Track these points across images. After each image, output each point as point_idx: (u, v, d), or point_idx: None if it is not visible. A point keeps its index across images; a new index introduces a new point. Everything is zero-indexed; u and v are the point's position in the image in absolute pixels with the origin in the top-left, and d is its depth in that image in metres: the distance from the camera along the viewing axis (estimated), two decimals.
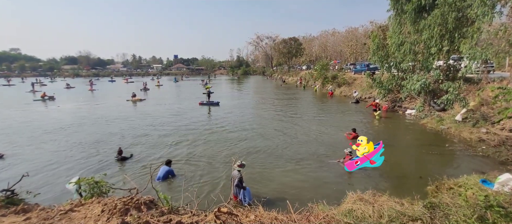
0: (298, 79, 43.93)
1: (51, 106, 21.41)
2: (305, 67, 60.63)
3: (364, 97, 22.20)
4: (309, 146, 10.14)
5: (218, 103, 21.10)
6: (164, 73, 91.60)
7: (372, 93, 21.37)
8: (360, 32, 62.31)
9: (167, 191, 6.27)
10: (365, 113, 16.77)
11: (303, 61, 77.40)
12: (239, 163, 5.74)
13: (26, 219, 2.35)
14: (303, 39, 78.49)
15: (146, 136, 11.74)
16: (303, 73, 47.50)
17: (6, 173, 7.86)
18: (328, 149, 9.80)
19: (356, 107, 19.50)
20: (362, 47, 53.94)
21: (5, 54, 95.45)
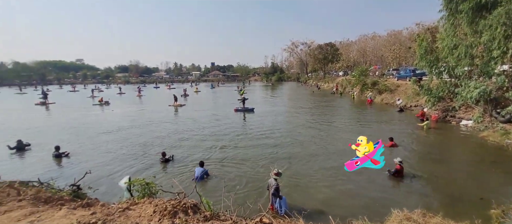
0: (334, 86, 42.37)
1: (106, 110, 24.13)
2: (341, 73, 58.24)
3: (410, 105, 20.40)
4: (347, 155, 9.66)
5: (253, 109, 21.44)
6: (202, 80, 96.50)
7: (419, 102, 19.55)
8: (404, 36, 57.89)
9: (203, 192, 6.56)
10: (410, 123, 15.40)
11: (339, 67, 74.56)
12: (276, 172, 5.73)
13: (92, 214, 2.68)
14: (340, 45, 75.76)
15: (185, 140, 12.47)
16: (340, 80, 45.67)
17: (71, 169, 9.03)
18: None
19: (400, 116, 18.02)
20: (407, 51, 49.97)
21: (72, 65, 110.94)
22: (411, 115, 17.89)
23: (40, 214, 2.81)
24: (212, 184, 7.51)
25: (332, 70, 74.49)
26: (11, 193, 3.71)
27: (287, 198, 5.90)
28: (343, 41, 79.97)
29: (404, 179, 7.62)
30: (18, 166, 9.68)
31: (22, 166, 9.68)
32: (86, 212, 2.77)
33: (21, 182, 4.92)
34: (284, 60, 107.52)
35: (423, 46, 15.26)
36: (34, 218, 2.69)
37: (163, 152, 9.53)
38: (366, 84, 29.44)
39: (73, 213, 2.78)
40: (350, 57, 75.06)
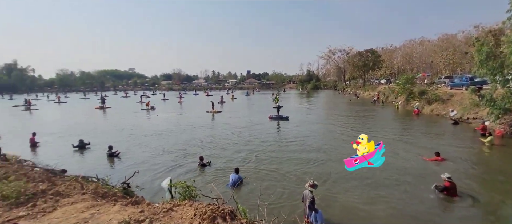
0: (375, 95, 39.77)
1: (152, 115, 26.35)
2: (384, 81, 54.51)
3: (466, 118, 18.06)
4: (390, 171, 8.91)
5: (287, 118, 21.26)
6: (238, 87, 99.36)
7: (478, 114, 17.20)
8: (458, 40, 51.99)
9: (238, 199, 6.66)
10: (467, 138, 13.61)
11: (381, 74, 69.98)
12: (311, 183, 5.57)
13: (141, 212, 2.94)
14: (382, 51, 71.32)
15: (220, 145, 12.89)
16: (382, 88, 42.74)
17: (121, 167, 10.01)
18: (415, 176, 8.36)
19: (455, 130, 16.05)
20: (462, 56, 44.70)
21: (125, 73, 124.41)
22: (469, 129, 15.80)
23: (99, 208, 3.18)
24: (246, 191, 7.59)
25: (373, 78, 70.23)
26: (76, 187, 4.28)
27: (323, 212, 5.66)
28: (385, 47, 75.21)
29: (458, 200, 6.74)
30: (79, 162, 11.09)
31: (82, 162, 11.06)
32: (136, 210, 3.05)
33: (83, 177, 5.62)
34: (320, 68, 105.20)
35: (484, 51, 13.46)
36: (94, 211, 3.05)
37: (201, 156, 9.99)
38: (413, 93, 26.99)
39: (125, 210, 3.08)
40: (393, 64, 70.02)
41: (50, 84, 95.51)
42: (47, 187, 3.99)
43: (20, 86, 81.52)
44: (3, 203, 3.29)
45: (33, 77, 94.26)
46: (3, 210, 3.13)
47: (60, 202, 3.46)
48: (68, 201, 3.56)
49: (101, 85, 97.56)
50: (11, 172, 4.39)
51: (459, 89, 24.16)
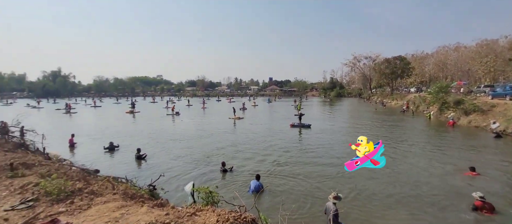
0: (404, 104, 37.63)
1: (177, 120, 27.40)
2: (414, 90, 51.45)
3: (511, 131, 16.35)
4: (421, 186, 8.30)
5: (309, 126, 20.86)
6: (260, 94, 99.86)
7: None
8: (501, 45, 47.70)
9: (259, 207, 6.61)
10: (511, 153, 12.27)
11: (411, 82, 66.24)
12: (335, 195, 5.38)
13: (166, 214, 3.06)
14: (412, 58, 67.67)
15: (242, 151, 12.98)
16: (412, 97, 40.35)
17: (148, 170, 10.48)
18: (450, 194, 7.69)
19: (497, 143, 14.59)
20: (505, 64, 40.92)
21: (154, 80, 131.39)
22: None
23: (128, 208, 3.36)
24: (268, 199, 7.52)
25: (401, 86, 66.73)
26: (108, 187, 4.56)
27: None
28: (416, 54, 71.27)
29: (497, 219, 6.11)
30: (109, 162, 11.81)
31: (112, 163, 11.76)
32: (161, 212, 3.17)
33: (114, 178, 5.98)
34: (344, 75, 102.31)
35: None
36: (124, 211, 3.23)
37: (223, 162, 10.13)
38: (447, 103, 25.12)
39: (151, 211, 3.21)
40: (424, 71, 66.05)
41: (87, 89, 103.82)
42: (83, 185, 4.31)
43: (62, 91, 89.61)
44: (46, 199, 3.61)
45: (73, 83, 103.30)
46: (46, 205, 3.43)
47: (94, 201, 3.71)
48: (101, 200, 3.80)
49: (132, 91, 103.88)
50: (53, 170, 4.82)
51: (502, 99, 22.04)
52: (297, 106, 29.04)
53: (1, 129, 9.39)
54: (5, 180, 4.34)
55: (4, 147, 7.50)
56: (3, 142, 8.32)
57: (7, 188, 3.95)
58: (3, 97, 70.95)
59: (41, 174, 4.54)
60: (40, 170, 4.79)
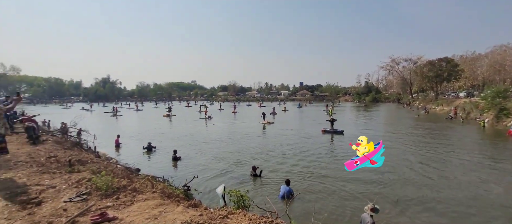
0: (451, 110, 33.99)
1: (209, 124, 28.46)
2: (463, 94, 46.25)
3: None
4: (478, 204, 7.36)
5: (342, 132, 20.00)
6: (290, 99, 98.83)
7: None
8: None
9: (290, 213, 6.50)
10: None
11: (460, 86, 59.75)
12: (372, 207, 5.03)
13: (200, 215, 3.19)
14: (461, 59, 61.05)
15: (272, 156, 12.92)
16: (461, 102, 36.29)
17: (182, 171, 11.01)
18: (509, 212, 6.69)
19: None
20: None
21: (189, 85, 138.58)
22: None
23: (165, 207, 3.58)
24: (299, 206, 7.35)
25: (448, 91, 60.54)
26: (148, 185, 4.92)
27: None
28: (465, 54, 64.13)
29: None
30: (148, 162, 12.69)
31: (150, 163, 12.61)
32: (195, 213, 3.31)
33: (153, 177, 6.42)
34: (381, 79, 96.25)
35: None
36: (162, 209, 3.45)
37: (254, 166, 10.18)
38: (506, 109, 22.07)
39: (186, 211, 3.38)
40: (476, 74, 59.02)
41: (131, 94, 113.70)
42: (126, 183, 4.71)
43: (110, 96, 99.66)
44: (97, 193, 4.02)
45: (120, 88, 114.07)
46: (97, 199, 3.82)
47: (136, 198, 4.02)
48: (142, 197, 4.11)
49: (169, 96, 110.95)
50: (103, 168, 5.35)
51: None
52: (329, 112, 28.06)
53: (62, 129, 10.76)
54: (65, 174, 4.94)
55: (64, 145, 8.56)
56: (63, 141, 9.50)
57: (66, 182, 4.49)
58: (64, 101, 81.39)
59: (92, 171, 5.08)
60: (92, 167, 5.36)
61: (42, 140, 8.51)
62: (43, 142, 8.31)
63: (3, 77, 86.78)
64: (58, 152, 6.90)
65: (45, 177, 4.72)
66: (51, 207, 3.46)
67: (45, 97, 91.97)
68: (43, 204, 3.59)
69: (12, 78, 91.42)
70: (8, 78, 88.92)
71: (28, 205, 3.49)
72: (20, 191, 3.98)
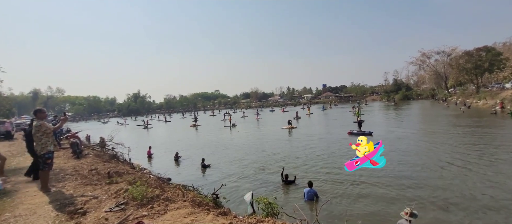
0: (496, 104, 30.72)
1: (233, 131, 28.90)
2: (510, 85, 41.62)
3: None
4: None
5: (371, 133, 19.03)
6: (313, 102, 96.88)
7: None
8: None
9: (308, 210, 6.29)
10: None
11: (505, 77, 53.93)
12: (410, 212, 4.70)
13: (230, 223, 3.22)
14: (504, 47, 55.29)
15: (298, 162, 12.66)
16: (508, 94, 32.65)
17: (210, 179, 11.25)
18: None
19: None
20: None
21: (212, 95, 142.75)
22: None
23: (196, 215, 3.69)
24: (330, 212, 7.06)
25: (490, 83, 54.94)
26: (179, 194, 5.11)
27: None
28: (509, 41, 57.95)
29: None
30: (177, 171, 13.17)
31: (180, 171, 13.06)
32: (225, 221, 3.36)
33: (183, 186, 6.67)
34: (411, 75, 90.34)
35: None
36: (193, 217, 3.56)
37: (285, 174, 9.84)
38: None
39: (217, 220, 3.45)
40: None
41: (160, 107, 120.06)
42: (159, 192, 4.95)
43: (141, 110, 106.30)
44: (133, 203, 4.28)
45: (149, 102, 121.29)
46: (133, 209, 4.06)
47: (169, 207, 4.20)
48: (174, 206, 4.28)
49: (194, 106, 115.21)
50: (138, 178, 5.68)
51: None
52: (356, 113, 26.99)
53: (101, 143, 11.67)
54: (105, 185, 5.34)
55: (103, 157, 9.27)
56: (102, 154, 10.29)
57: (106, 193, 4.85)
58: (101, 117, 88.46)
59: (129, 181, 5.42)
60: (128, 178, 5.73)
61: (84, 154, 9.31)
62: (85, 156, 9.09)
63: (51, 99, 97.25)
64: (98, 164, 7.49)
65: (88, 189, 5.14)
66: (94, 217, 3.75)
67: (86, 115, 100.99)
68: (88, 213, 3.91)
69: (58, 99, 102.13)
70: (54, 99, 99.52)
71: (75, 215, 3.83)
72: (68, 202, 4.38)
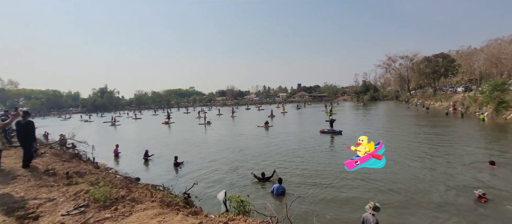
0: (450, 105, 34.10)
1: (208, 129, 28.40)
2: (461, 89, 46.40)
3: None
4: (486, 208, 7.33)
5: (340, 132, 19.97)
6: (288, 101, 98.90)
7: None
8: None
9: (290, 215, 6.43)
10: None
11: (457, 81, 60.00)
12: (373, 206, 5.00)
13: (200, 223, 3.14)
14: (457, 54, 61.37)
15: (271, 159, 12.83)
16: (459, 97, 36.40)
17: (183, 178, 10.92)
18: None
19: None
20: None
21: (187, 92, 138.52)
22: None
23: (164, 216, 3.54)
24: (299, 208, 7.28)
25: (445, 86, 60.79)
26: (147, 194, 4.87)
27: None
28: (461, 50, 64.49)
29: None
30: (148, 170, 12.59)
31: (151, 171, 12.50)
32: (195, 221, 3.27)
33: (152, 185, 6.37)
34: (379, 77, 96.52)
35: None
36: (161, 218, 3.41)
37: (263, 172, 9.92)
38: (504, 102, 22.11)
39: (186, 220, 3.33)
40: (473, 68, 59.29)
41: (129, 103, 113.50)
42: (125, 193, 4.67)
43: (109, 105, 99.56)
44: (95, 205, 3.97)
45: (118, 98, 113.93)
46: (95, 211, 3.77)
47: (135, 208, 3.97)
48: (141, 207, 4.06)
49: (167, 103, 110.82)
50: (101, 178, 5.30)
51: None
52: (328, 112, 28.10)
53: (60, 141, 10.69)
54: (62, 187, 4.89)
55: (62, 157, 8.50)
56: (62, 153, 9.44)
57: (63, 195, 4.45)
58: (62, 113, 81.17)
59: (90, 182, 5.03)
60: (90, 178, 5.32)
61: (40, 153, 8.45)
62: (41, 155, 8.25)
63: (1, 92, 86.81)
64: (56, 164, 6.85)
65: (42, 191, 4.67)
66: (49, 221, 3.41)
67: (44, 110, 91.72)
68: (41, 218, 3.55)
69: (10, 92, 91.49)
70: (6, 92, 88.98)
71: (25, 220, 3.45)
72: (18, 206, 3.93)
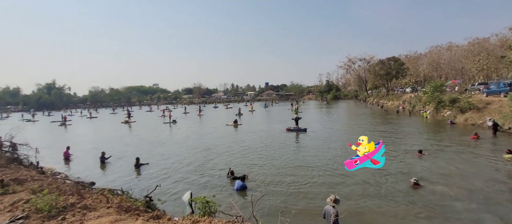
0: (400, 104, 37.92)
1: (174, 128, 27.20)
2: (409, 90, 51.96)
3: (508, 127, 16.49)
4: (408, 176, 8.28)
5: (305, 130, 20.83)
6: (256, 99, 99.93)
7: None
8: (492, 43, 48.48)
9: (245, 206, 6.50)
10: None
11: (406, 83, 67.06)
12: (334, 198, 5.30)
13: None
14: (406, 58, 68.48)
15: (238, 157, 12.82)
16: (407, 97, 40.69)
17: (145, 180, 10.27)
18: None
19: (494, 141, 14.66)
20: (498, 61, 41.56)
21: (150, 89, 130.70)
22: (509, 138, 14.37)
23: (121, 222, 3.26)
24: (265, 206, 7.39)
25: (396, 87, 67.45)
26: (103, 200, 4.44)
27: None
28: (409, 54, 72.18)
29: None
30: (106, 174, 11.58)
31: (109, 174, 11.51)
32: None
33: (110, 190, 5.84)
34: (340, 78, 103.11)
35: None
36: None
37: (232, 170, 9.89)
38: (443, 101, 25.34)
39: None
40: (419, 71, 66.86)
41: (83, 101, 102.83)
42: (76, 200, 4.19)
43: (58, 103, 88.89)
44: (37, 216, 3.49)
45: (69, 94, 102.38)
46: (37, 223, 3.31)
47: (87, 216, 3.59)
48: (94, 215, 3.69)
49: (128, 101, 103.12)
50: (46, 185, 4.69)
51: (497, 96, 22.28)
52: (294, 110, 29.07)
53: None
54: None
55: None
56: None
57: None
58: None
59: (32, 190, 4.41)
60: (31, 186, 4.66)
61: None
62: None
63: None
64: None
65: None
66: None
67: None
68: None
69: None
70: None
71: None
72: None
